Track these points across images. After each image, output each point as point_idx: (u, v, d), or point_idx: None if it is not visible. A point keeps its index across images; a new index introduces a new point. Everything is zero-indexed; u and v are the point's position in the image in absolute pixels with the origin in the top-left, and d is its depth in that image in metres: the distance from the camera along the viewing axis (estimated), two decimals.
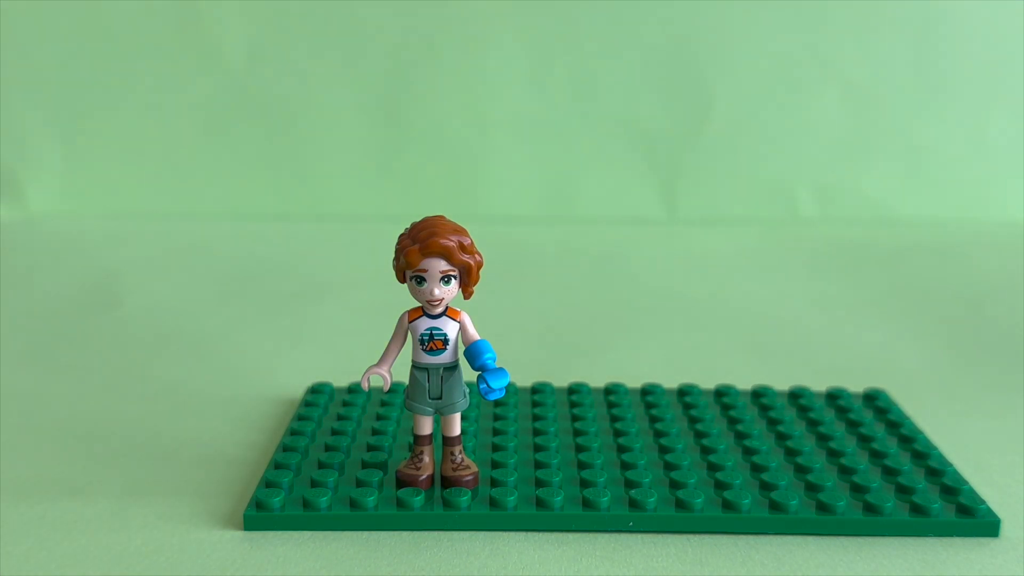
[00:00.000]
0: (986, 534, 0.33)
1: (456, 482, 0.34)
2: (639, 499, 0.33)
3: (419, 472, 0.34)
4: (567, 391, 0.44)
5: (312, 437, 0.39)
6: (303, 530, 0.33)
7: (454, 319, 0.33)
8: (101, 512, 0.34)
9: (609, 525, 0.33)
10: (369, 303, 0.62)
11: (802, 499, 0.34)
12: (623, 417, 0.40)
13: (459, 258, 0.32)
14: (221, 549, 0.32)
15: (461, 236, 0.32)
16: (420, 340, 0.33)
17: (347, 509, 0.33)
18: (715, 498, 0.34)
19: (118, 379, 0.48)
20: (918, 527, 0.33)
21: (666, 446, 0.37)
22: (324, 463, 0.36)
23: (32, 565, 0.31)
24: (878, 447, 0.37)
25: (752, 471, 0.36)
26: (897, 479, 0.35)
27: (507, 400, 0.42)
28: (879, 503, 0.33)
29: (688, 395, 0.43)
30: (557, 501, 0.33)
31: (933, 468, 0.36)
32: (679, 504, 0.33)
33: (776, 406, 0.42)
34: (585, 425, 0.39)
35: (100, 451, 0.39)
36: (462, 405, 0.34)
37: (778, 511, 0.33)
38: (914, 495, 0.34)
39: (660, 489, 0.34)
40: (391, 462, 0.36)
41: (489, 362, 0.33)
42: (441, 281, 0.32)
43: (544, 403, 0.42)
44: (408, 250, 0.31)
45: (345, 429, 0.39)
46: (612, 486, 0.34)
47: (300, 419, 0.40)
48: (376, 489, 0.34)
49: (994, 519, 0.33)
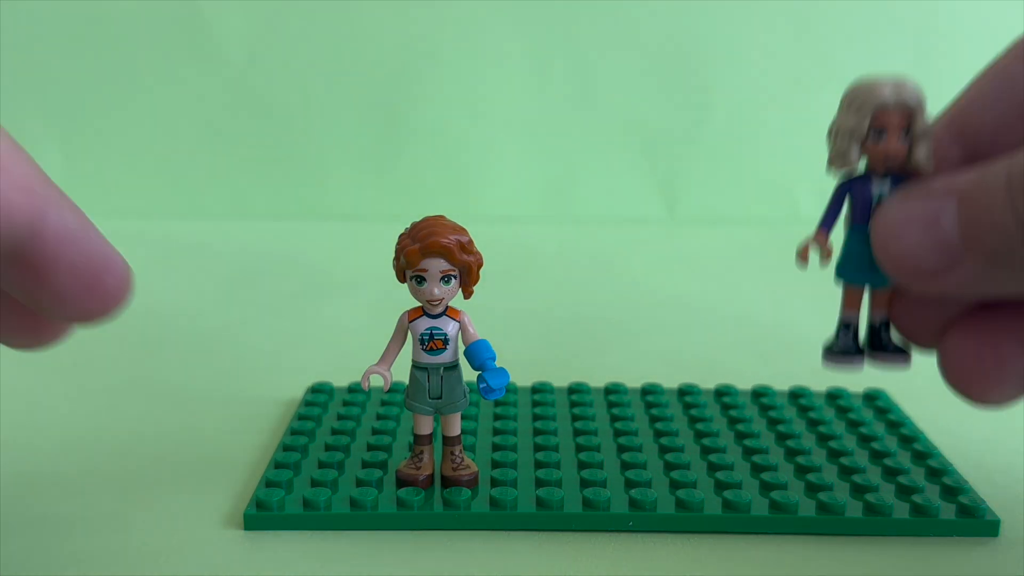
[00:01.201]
0: (986, 534, 0.33)
1: (455, 481, 0.34)
2: (639, 499, 0.33)
3: (419, 472, 0.34)
4: (568, 391, 0.44)
5: (313, 436, 0.39)
6: (303, 529, 0.33)
7: (454, 319, 0.33)
8: (101, 512, 0.34)
9: (609, 525, 0.33)
10: (370, 303, 0.62)
11: (803, 499, 0.34)
12: (624, 417, 0.40)
13: (459, 258, 0.32)
14: (221, 549, 0.32)
15: (461, 236, 0.32)
16: (420, 340, 0.33)
17: (347, 509, 0.33)
18: (716, 498, 0.34)
19: (118, 379, 0.48)
20: (919, 527, 0.33)
21: (667, 446, 0.37)
22: (324, 463, 0.36)
23: (32, 565, 0.31)
24: (879, 447, 0.37)
25: (753, 471, 0.36)
26: (898, 479, 0.35)
27: (508, 399, 0.42)
28: (880, 503, 0.33)
29: (689, 395, 0.43)
30: (557, 500, 0.33)
31: (934, 468, 0.36)
32: (680, 504, 0.33)
33: (777, 406, 0.42)
34: (586, 425, 0.39)
35: (100, 451, 0.39)
36: (462, 405, 0.34)
37: (780, 511, 0.33)
38: (915, 495, 0.34)
39: (661, 489, 0.34)
40: (392, 461, 0.36)
41: (489, 362, 0.33)
42: (441, 281, 0.32)
43: (545, 402, 0.42)
44: (408, 250, 0.31)
45: (346, 428, 0.39)
46: (613, 486, 0.34)
47: (301, 418, 0.40)
48: (376, 488, 0.34)
49: (994, 519, 0.33)
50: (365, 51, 0.88)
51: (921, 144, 0.31)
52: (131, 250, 0.77)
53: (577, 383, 0.44)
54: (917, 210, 0.30)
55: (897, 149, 0.31)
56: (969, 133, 0.32)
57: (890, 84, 0.30)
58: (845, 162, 0.31)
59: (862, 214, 0.32)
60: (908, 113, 0.30)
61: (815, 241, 0.32)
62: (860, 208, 0.32)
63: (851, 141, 0.31)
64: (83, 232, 0.27)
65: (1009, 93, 0.32)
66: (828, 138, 0.32)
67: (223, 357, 0.52)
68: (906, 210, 0.30)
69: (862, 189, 0.32)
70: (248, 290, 0.66)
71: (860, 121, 0.30)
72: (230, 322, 0.58)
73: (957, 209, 0.29)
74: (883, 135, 0.30)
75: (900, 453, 0.37)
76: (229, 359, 0.52)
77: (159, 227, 0.83)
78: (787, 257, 0.39)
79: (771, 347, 0.55)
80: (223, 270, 0.70)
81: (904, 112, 0.30)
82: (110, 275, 0.28)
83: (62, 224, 0.26)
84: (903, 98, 0.30)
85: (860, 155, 0.31)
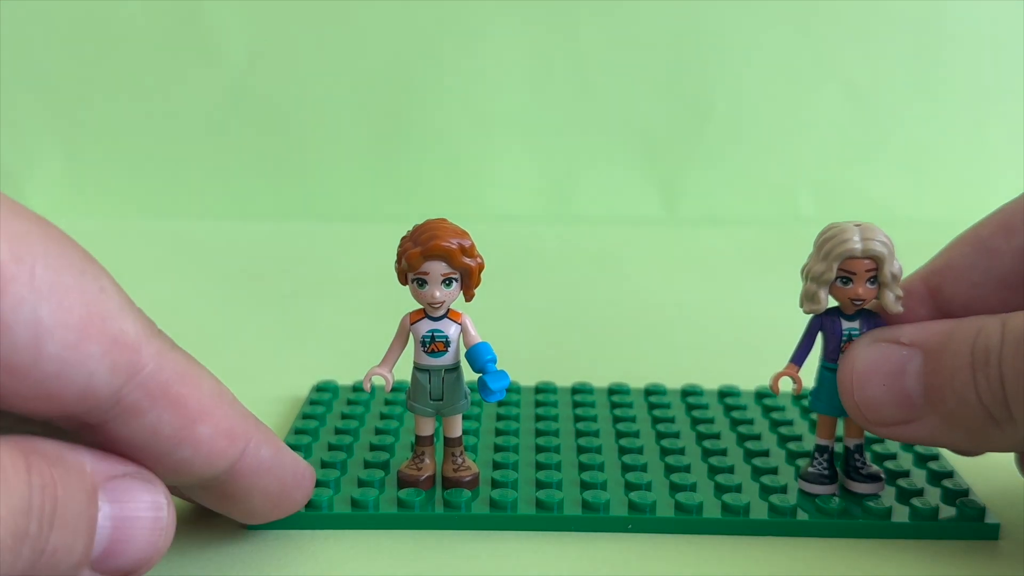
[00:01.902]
0: (986, 537, 0.33)
1: (456, 483, 0.34)
2: (638, 501, 0.33)
3: (420, 473, 0.34)
4: (571, 391, 0.44)
5: (316, 436, 0.39)
6: (304, 529, 0.33)
7: (455, 321, 0.33)
8: None
9: (608, 527, 0.33)
10: (373, 303, 0.62)
11: (803, 502, 0.34)
12: (626, 418, 0.40)
13: (460, 261, 0.32)
14: (222, 549, 0.32)
15: (462, 239, 0.32)
16: (422, 342, 0.33)
17: (348, 509, 0.33)
18: (716, 501, 0.34)
19: None
20: (919, 530, 0.33)
21: (668, 448, 0.37)
22: (327, 462, 0.36)
23: None
24: (881, 450, 0.37)
25: (754, 473, 0.36)
26: (899, 482, 0.35)
27: (511, 399, 0.42)
28: (881, 506, 0.33)
29: (692, 395, 0.43)
30: (556, 502, 0.33)
31: (935, 471, 0.36)
32: (679, 507, 0.33)
33: (779, 407, 0.42)
34: (588, 426, 0.39)
35: None
36: (463, 407, 0.34)
37: (780, 514, 0.33)
38: (915, 498, 0.34)
39: (661, 491, 0.34)
40: (394, 462, 0.36)
41: (489, 364, 0.33)
42: (442, 283, 0.32)
43: (548, 403, 0.42)
44: (410, 252, 0.32)
45: (349, 428, 0.39)
46: (613, 488, 0.34)
47: (304, 418, 0.40)
48: (377, 489, 0.34)
49: (994, 522, 0.33)
50: (366, 51, 0.88)
51: (888, 290, 0.32)
52: (131, 250, 0.77)
53: (580, 383, 0.44)
54: (883, 359, 0.31)
55: (865, 293, 0.32)
56: (941, 296, 0.34)
57: (858, 233, 0.31)
58: (813, 304, 0.32)
59: (832, 351, 0.33)
60: (875, 261, 0.31)
61: (786, 375, 0.34)
62: (831, 346, 0.33)
63: (819, 286, 0.32)
64: (276, 460, 0.29)
65: (986, 264, 0.33)
66: (801, 276, 0.33)
67: (224, 357, 0.51)
68: (872, 358, 0.31)
69: (833, 327, 0.33)
70: (248, 290, 0.66)
71: (828, 268, 0.32)
72: (230, 322, 0.58)
73: (922, 365, 0.31)
74: (850, 281, 0.32)
75: (901, 456, 0.37)
76: (230, 359, 0.51)
77: (159, 227, 0.83)
78: (787, 257, 0.39)
79: (772, 347, 0.55)
80: (223, 270, 0.70)
81: (871, 260, 0.31)
82: (299, 490, 0.31)
83: (257, 459, 0.28)
84: (870, 247, 0.31)
85: (827, 298, 0.32)
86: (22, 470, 0.21)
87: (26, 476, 0.21)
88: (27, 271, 0.21)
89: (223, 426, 0.26)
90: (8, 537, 0.20)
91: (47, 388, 0.22)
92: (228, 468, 0.27)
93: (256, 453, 0.28)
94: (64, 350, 0.22)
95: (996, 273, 0.33)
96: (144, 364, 0.24)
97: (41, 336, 0.21)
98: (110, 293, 0.24)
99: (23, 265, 0.21)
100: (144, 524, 0.24)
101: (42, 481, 0.21)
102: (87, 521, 0.23)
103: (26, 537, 0.21)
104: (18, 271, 0.21)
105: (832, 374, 0.33)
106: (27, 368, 0.22)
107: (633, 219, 0.88)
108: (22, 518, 0.21)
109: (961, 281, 0.33)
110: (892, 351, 0.31)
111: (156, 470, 0.26)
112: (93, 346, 0.22)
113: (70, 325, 0.22)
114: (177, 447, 0.25)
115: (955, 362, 0.30)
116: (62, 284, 0.22)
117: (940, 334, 0.30)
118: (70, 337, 0.22)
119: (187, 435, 0.25)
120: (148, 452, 0.25)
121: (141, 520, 0.24)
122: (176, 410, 0.25)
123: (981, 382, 0.29)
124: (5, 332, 0.21)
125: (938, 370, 0.30)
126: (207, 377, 0.27)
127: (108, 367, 0.23)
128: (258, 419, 0.29)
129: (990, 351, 0.29)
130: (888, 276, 0.31)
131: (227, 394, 0.27)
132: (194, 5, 0.86)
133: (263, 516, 0.30)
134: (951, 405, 0.30)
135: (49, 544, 0.21)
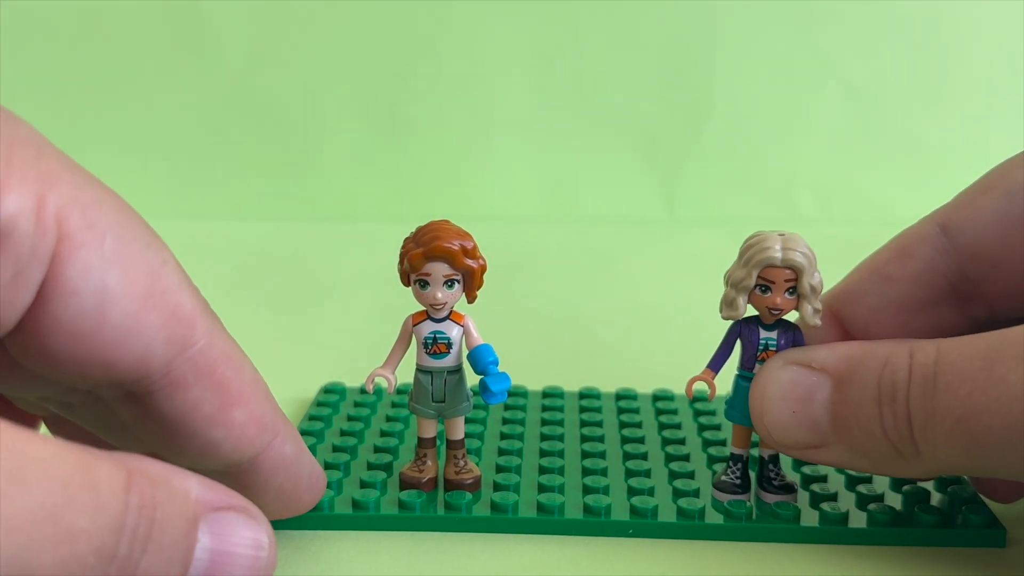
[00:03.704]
0: (992, 544, 0.32)
1: (458, 485, 0.34)
2: (640, 506, 0.33)
3: (422, 475, 0.34)
4: (578, 396, 0.44)
5: (321, 437, 0.39)
6: (305, 529, 0.33)
7: (458, 323, 0.33)
8: None
9: (608, 531, 0.33)
10: (374, 303, 0.62)
11: (807, 509, 0.34)
12: (632, 424, 0.40)
13: (462, 262, 0.32)
14: None
15: (464, 240, 0.32)
16: (424, 344, 0.33)
17: (349, 510, 0.33)
18: (718, 505, 0.34)
19: None
20: (924, 536, 0.32)
21: (673, 454, 0.37)
22: (330, 464, 0.36)
23: None
24: None
25: None
26: (905, 488, 0.35)
27: (517, 403, 0.42)
28: (886, 512, 0.33)
29: (699, 401, 0.42)
30: (557, 506, 0.33)
31: (941, 477, 0.35)
32: (681, 512, 0.33)
33: None
34: (593, 431, 0.39)
35: None
36: (465, 409, 0.34)
37: (784, 521, 0.33)
38: (921, 504, 0.33)
39: (664, 496, 0.34)
40: (397, 464, 0.36)
41: (491, 366, 0.33)
42: (444, 285, 0.32)
43: (554, 407, 0.42)
44: (412, 254, 0.31)
45: (354, 430, 0.39)
46: (616, 492, 0.34)
47: (311, 419, 0.40)
48: (379, 490, 0.34)
49: (999, 528, 0.33)
50: (366, 51, 0.88)
51: (807, 302, 0.32)
52: None
53: (588, 388, 0.44)
54: (792, 385, 0.31)
55: (783, 303, 0.32)
56: (843, 319, 0.34)
57: (780, 242, 0.31)
58: (732, 310, 0.32)
59: (748, 360, 0.33)
60: (795, 271, 0.31)
61: (701, 379, 0.34)
62: (748, 354, 0.33)
63: (739, 292, 0.32)
64: (297, 459, 0.29)
65: (883, 289, 0.34)
66: (724, 281, 0.33)
67: None
68: (782, 383, 0.31)
69: (750, 335, 0.33)
70: (248, 291, 0.66)
71: (748, 274, 0.32)
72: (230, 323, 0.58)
73: (831, 393, 0.31)
74: (769, 290, 0.32)
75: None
76: None
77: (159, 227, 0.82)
78: None
79: None
80: (223, 270, 0.70)
81: (791, 270, 0.31)
82: (310, 493, 0.30)
83: (281, 453, 0.28)
84: (790, 257, 0.31)
85: (746, 305, 0.32)
86: (120, 487, 0.20)
87: (123, 494, 0.20)
88: (98, 238, 0.22)
89: (256, 414, 0.26)
90: (91, 554, 0.19)
91: (106, 354, 0.22)
92: (253, 457, 0.27)
93: (281, 447, 0.28)
94: (126, 318, 0.22)
95: (893, 297, 0.34)
96: (197, 340, 0.24)
97: (106, 303, 0.22)
98: (171, 266, 0.24)
99: (94, 232, 0.22)
100: (243, 562, 0.23)
101: (140, 501, 0.20)
102: (184, 551, 0.21)
103: (114, 558, 0.19)
104: (90, 237, 0.22)
105: (747, 384, 0.33)
106: (89, 333, 0.22)
107: (633, 219, 0.88)
108: (110, 536, 0.19)
109: (860, 306, 0.34)
110: (802, 376, 0.31)
111: (185, 449, 0.25)
112: (153, 316, 0.23)
113: (134, 295, 0.22)
114: (211, 427, 0.25)
115: (861, 395, 0.30)
116: (129, 254, 0.23)
117: (848, 360, 0.31)
118: (133, 306, 0.22)
119: (222, 417, 0.25)
120: (182, 430, 0.25)
121: (240, 558, 0.23)
122: (217, 390, 0.25)
123: (887, 417, 0.29)
124: (72, 297, 0.21)
125: (844, 400, 0.30)
126: (248, 364, 0.27)
127: (165, 338, 0.23)
128: (287, 416, 0.29)
129: (896, 388, 0.29)
130: (807, 288, 0.31)
131: (263, 384, 0.27)
132: (194, 5, 0.86)
133: (270, 514, 0.30)
134: (856, 436, 0.30)
135: (140, 569, 0.20)
